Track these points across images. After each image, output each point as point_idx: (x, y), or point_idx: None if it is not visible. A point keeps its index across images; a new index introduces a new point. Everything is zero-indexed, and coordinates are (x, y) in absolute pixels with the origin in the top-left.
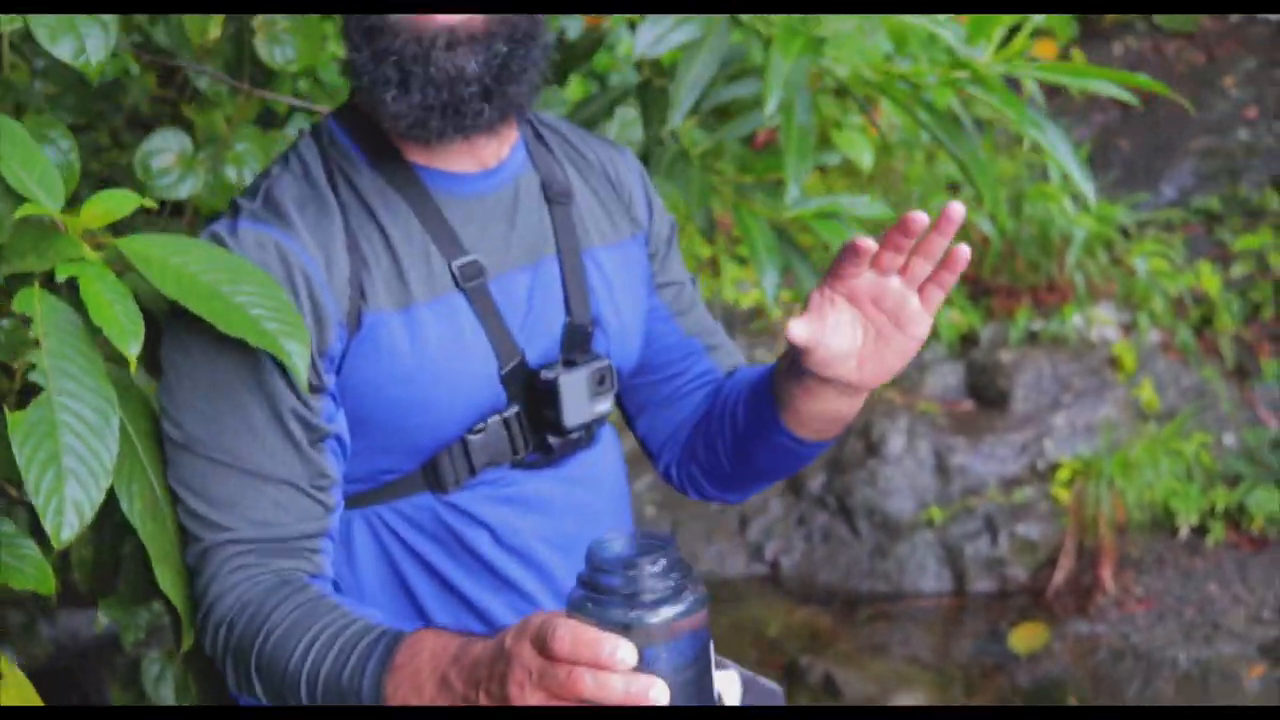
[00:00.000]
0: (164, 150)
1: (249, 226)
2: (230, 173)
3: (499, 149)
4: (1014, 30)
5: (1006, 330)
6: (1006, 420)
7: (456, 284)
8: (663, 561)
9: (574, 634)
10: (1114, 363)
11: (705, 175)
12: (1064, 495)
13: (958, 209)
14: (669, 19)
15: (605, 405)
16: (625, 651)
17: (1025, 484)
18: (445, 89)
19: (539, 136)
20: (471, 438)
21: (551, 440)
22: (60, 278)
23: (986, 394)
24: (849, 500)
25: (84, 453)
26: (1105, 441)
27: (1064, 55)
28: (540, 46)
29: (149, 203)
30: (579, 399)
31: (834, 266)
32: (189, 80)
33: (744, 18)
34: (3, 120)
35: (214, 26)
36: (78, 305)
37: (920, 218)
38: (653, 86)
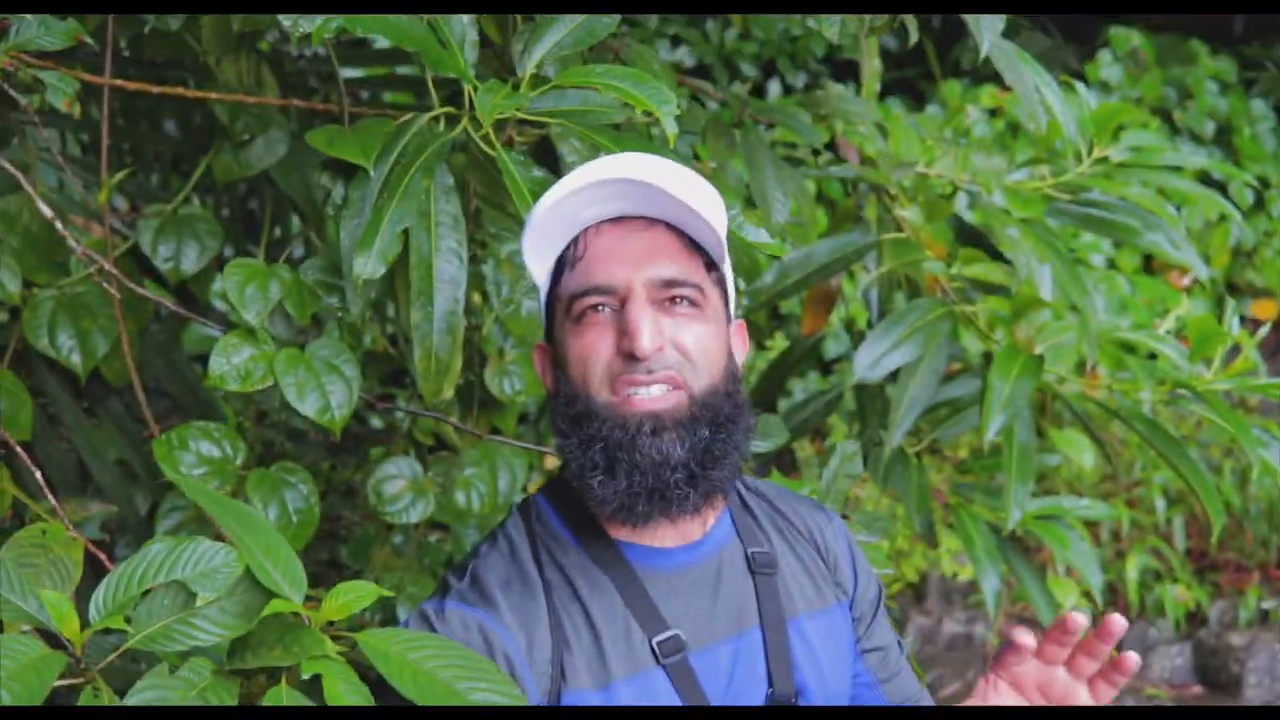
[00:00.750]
0: (396, 477)
1: (455, 607)
2: (460, 497)
3: (704, 522)
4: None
5: (1236, 609)
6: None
7: (657, 660)
8: None
9: None
10: None
11: (923, 478)
12: None
13: (1118, 623)
14: (888, 339)
15: None
16: None
17: None
18: (651, 474)
19: (744, 504)
20: None
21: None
22: (305, 675)
23: (1217, 679)
24: None
25: None
26: None
27: None
28: (741, 430)
29: (388, 593)
30: None
31: (997, 656)
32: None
33: (962, 331)
34: (245, 513)
35: (448, 387)
36: (319, 697)
37: (1078, 621)
38: (869, 388)
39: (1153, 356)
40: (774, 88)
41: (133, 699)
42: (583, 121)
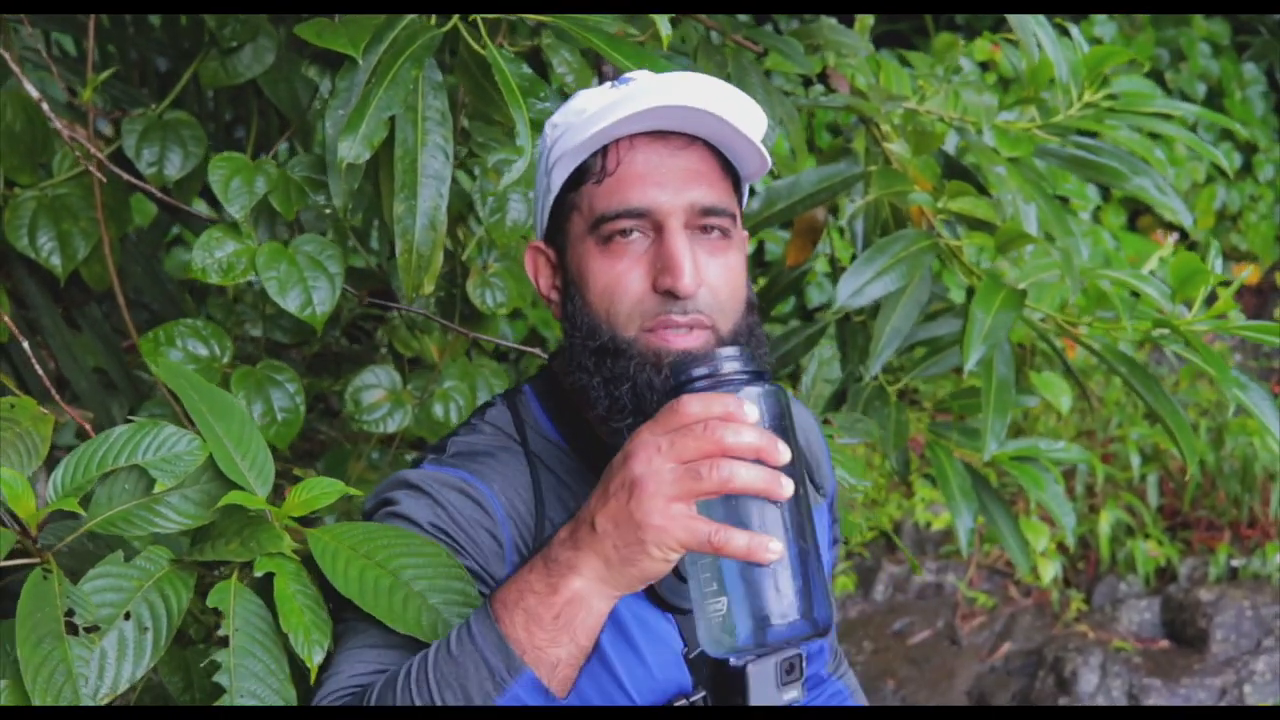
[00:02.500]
0: (374, 386)
1: (434, 469)
2: (438, 409)
3: None
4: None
5: (1206, 566)
6: (1205, 662)
7: None
8: (737, 350)
9: (703, 398)
10: None
11: (901, 415)
12: None
13: None
14: (871, 268)
15: (794, 693)
16: (750, 407)
17: None
18: None
19: None
20: None
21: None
22: (258, 572)
23: (1184, 633)
24: None
25: None
26: None
27: (1267, 278)
28: (759, 359)
29: (355, 491)
30: (766, 687)
31: None
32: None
33: (947, 267)
34: (221, 401)
35: (428, 282)
36: (269, 596)
37: None
38: (851, 322)
39: (1135, 296)
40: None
41: (86, 585)
42: (577, 25)
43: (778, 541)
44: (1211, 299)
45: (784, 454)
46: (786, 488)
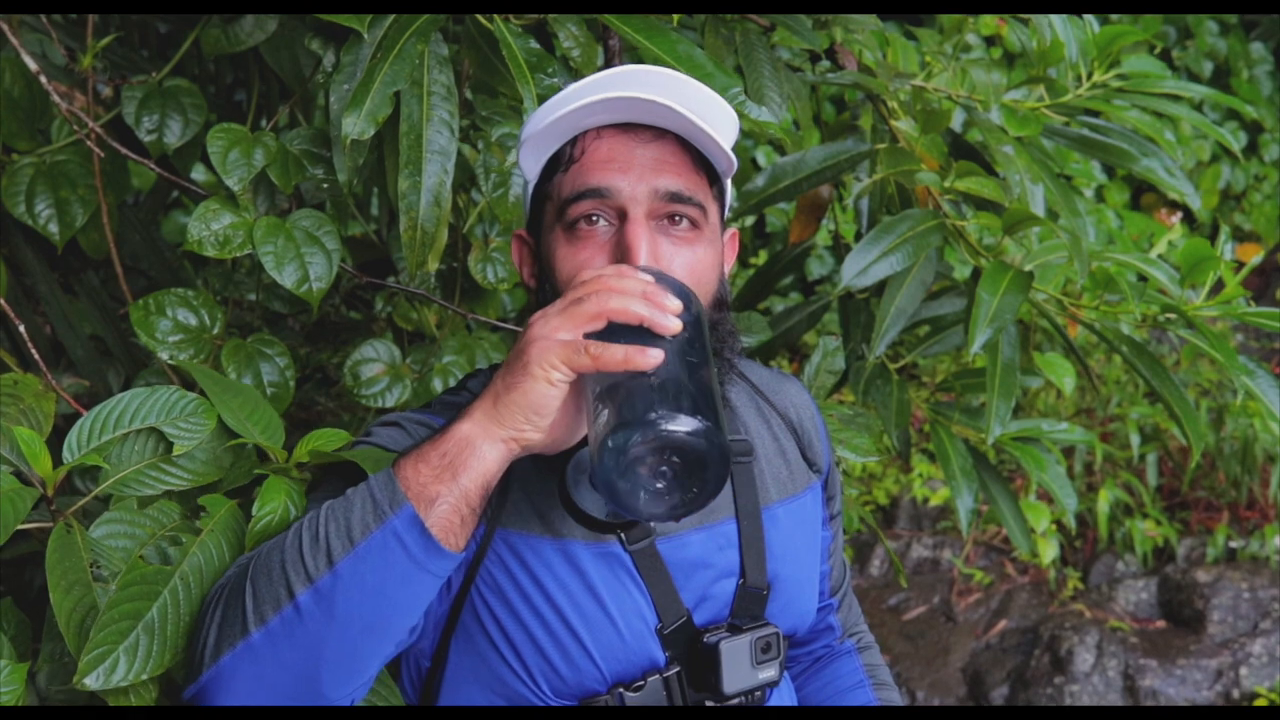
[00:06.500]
0: (373, 360)
1: (413, 414)
2: (436, 383)
3: None
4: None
5: (1204, 547)
6: (1201, 643)
7: (622, 545)
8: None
9: (597, 269)
10: None
11: (903, 394)
12: None
13: None
14: (877, 248)
15: (770, 673)
16: (645, 275)
17: None
18: None
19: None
20: (628, 694)
21: (710, 704)
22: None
23: (1180, 614)
24: None
25: (157, 628)
26: None
27: (1271, 258)
28: (725, 358)
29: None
30: (741, 666)
31: None
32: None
33: (951, 245)
34: (230, 381)
35: (433, 260)
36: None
37: None
38: (854, 299)
39: (1142, 279)
40: None
41: (97, 531)
42: None
43: (659, 350)
44: (1218, 282)
45: (672, 303)
46: (671, 323)
